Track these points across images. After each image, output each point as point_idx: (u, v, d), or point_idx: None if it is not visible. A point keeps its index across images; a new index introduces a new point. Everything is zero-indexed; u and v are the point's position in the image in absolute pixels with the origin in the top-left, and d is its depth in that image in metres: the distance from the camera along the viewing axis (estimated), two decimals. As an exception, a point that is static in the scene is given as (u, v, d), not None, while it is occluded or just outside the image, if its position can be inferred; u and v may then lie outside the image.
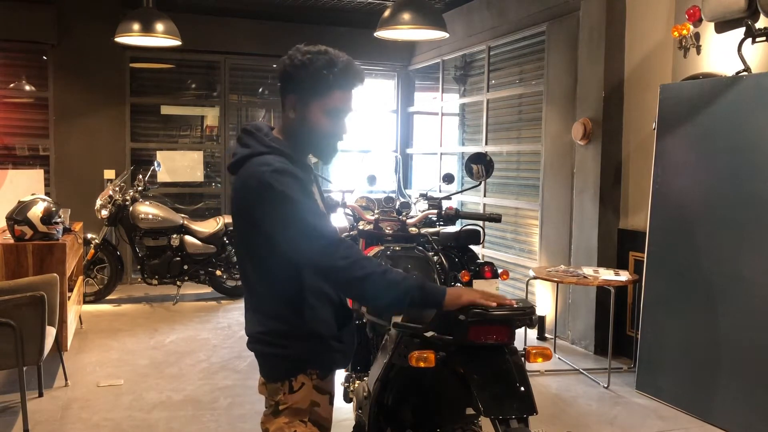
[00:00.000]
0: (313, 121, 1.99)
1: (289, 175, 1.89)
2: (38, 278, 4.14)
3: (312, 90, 1.96)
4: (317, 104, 1.97)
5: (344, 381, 3.35)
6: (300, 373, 1.98)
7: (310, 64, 1.95)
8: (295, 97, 1.99)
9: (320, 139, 2.02)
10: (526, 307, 2.07)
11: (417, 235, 3.33)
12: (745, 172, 3.99)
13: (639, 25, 5.26)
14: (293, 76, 1.97)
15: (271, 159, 1.93)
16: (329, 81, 1.96)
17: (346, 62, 2.00)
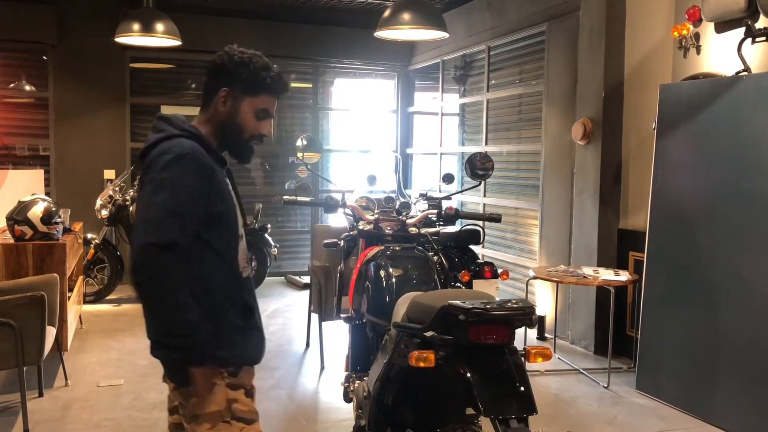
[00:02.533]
0: (242, 117, 2.05)
1: (191, 158, 1.90)
2: (38, 278, 4.14)
3: (248, 87, 2.03)
4: (249, 102, 2.04)
5: (344, 381, 3.35)
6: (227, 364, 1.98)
7: (251, 63, 2.02)
8: (227, 91, 2.04)
9: (244, 136, 2.07)
10: (526, 306, 2.07)
11: (417, 235, 3.33)
12: (745, 172, 3.99)
13: (639, 25, 5.26)
14: (231, 71, 2.02)
15: (184, 142, 1.95)
16: (265, 83, 2.04)
17: (279, 70, 2.08)
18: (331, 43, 8.52)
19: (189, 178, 1.88)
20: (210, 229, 1.94)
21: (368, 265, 3.14)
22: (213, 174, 1.94)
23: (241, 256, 2.06)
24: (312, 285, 5.30)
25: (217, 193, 1.96)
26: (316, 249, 5.73)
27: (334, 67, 8.94)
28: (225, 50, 2.07)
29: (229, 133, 2.07)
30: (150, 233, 1.81)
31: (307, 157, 4.10)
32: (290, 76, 2.19)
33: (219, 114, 2.06)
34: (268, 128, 2.10)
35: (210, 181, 1.93)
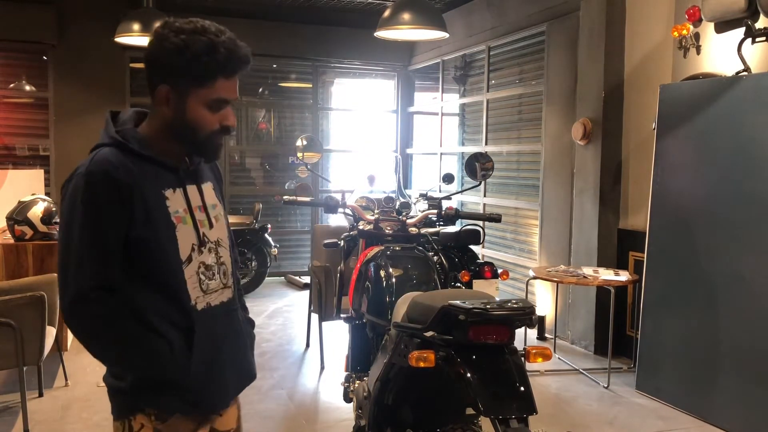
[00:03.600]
0: (192, 115, 1.67)
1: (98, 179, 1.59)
2: (38, 278, 4.15)
3: (190, 80, 1.65)
4: (197, 95, 1.66)
5: (344, 381, 3.35)
6: (137, 413, 1.70)
7: (187, 49, 1.62)
8: (167, 88, 1.66)
9: (203, 136, 1.70)
10: (526, 306, 2.07)
11: (417, 235, 3.33)
12: (745, 172, 3.99)
13: (639, 25, 5.26)
14: (165, 62, 1.65)
15: (99, 154, 1.64)
16: (211, 68, 1.64)
17: (229, 44, 1.65)
18: (331, 43, 8.52)
19: (95, 204, 1.59)
20: (138, 257, 1.64)
21: (368, 265, 3.14)
22: (131, 192, 1.61)
23: (192, 285, 1.71)
24: (312, 285, 5.30)
25: (142, 215, 1.63)
26: (316, 249, 5.73)
27: (334, 67, 8.94)
28: (157, 32, 1.69)
29: (183, 135, 1.70)
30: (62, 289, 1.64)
31: (307, 157, 4.11)
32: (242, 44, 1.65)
33: (165, 115, 1.68)
34: (231, 117, 1.72)
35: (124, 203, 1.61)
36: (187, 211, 1.73)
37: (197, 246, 1.73)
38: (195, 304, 1.72)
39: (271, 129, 8.84)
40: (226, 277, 1.82)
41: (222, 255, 1.82)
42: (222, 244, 1.83)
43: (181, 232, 1.70)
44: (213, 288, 1.77)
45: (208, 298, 1.76)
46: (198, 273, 1.73)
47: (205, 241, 1.76)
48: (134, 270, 1.66)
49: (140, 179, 1.64)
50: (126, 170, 1.62)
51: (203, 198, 1.79)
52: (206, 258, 1.76)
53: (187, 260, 1.71)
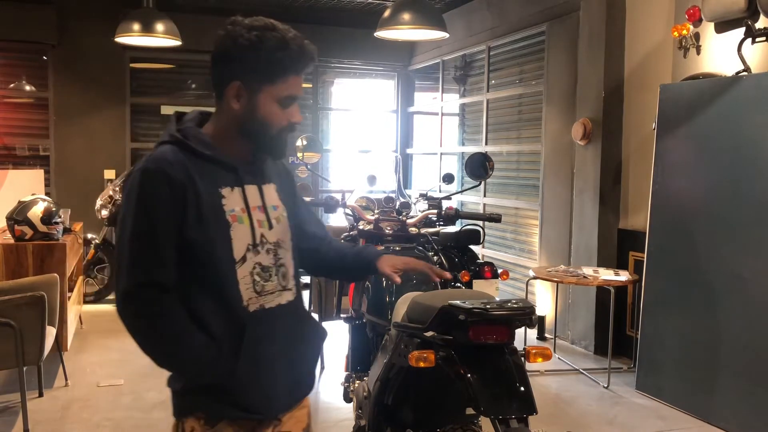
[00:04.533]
0: (263, 112, 1.67)
1: (152, 176, 1.60)
2: (38, 278, 4.14)
3: (263, 75, 1.65)
4: (268, 93, 1.66)
5: (344, 381, 3.35)
6: (189, 416, 1.71)
7: (261, 44, 1.63)
8: (238, 84, 1.66)
9: (273, 132, 1.70)
10: (526, 306, 2.07)
11: (417, 235, 3.33)
12: (745, 172, 3.99)
13: (639, 25, 5.26)
14: (239, 58, 1.65)
15: (157, 152, 1.66)
16: (284, 64, 1.65)
17: (299, 41, 1.68)
18: (331, 43, 8.51)
19: (149, 201, 1.60)
20: (191, 255, 1.63)
21: (368, 265, 3.13)
22: (185, 190, 1.60)
23: (244, 286, 1.68)
24: (312, 285, 5.30)
25: (195, 213, 1.62)
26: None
27: (334, 67, 8.94)
28: (227, 29, 1.67)
29: (253, 133, 1.70)
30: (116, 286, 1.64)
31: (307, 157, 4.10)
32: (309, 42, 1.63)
33: (235, 112, 1.68)
34: (298, 114, 1.72)
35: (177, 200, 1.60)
36: (245, 211, 1.70)
37: (253, 246, 1.70)
38: (247, 305, 1.68)
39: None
40: (285, 280, 1.78)
41: (282, 257, 1.77)
42: (283, 246, 1.78)
43: (236, 232, 1.67)
44: (269, 290, 1.73)
45: (263, 300, 1.71)
46: (252, 274, 1.69)
47: (263, 241, 1.72)
48: (188, 268, 1.64)
49: (196, 177, 1.63)
50: (181, 168, 1.62)
51: (263, 198, 1.76)
52: (263, 259, 1.72)
53: (241, 260, 1.68)
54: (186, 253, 1.63)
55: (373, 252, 2.05)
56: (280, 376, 1.76)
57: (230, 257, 1.66)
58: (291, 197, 1.88)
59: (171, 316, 1.63)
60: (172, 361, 1.69)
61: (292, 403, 1.84)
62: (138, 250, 1.61)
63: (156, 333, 1.65)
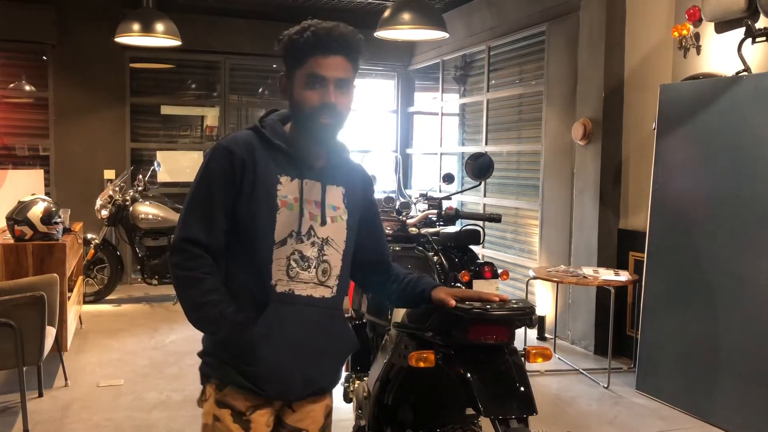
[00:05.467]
0: (297, 95, 1.81)
1: (219, 150, 1.81)
2: (38, 278, 4.14)
3: (291, 62, 1.82)
4: (298, 76, 1.81)
5: (344, 381, 3.35)
6: (208, 382, 1.88)
7: (287, 36, 1.82)
8: (281, 76, 1.87)
9: (306, 113, 1.81)
10: (526, 307, 2.07)
11: (417, 235, 3.33)
12: (745, 172, 3.99)
13: (639, 25, 5.26)
14: (281, 56, 1.84)
15: (235, 133, 1.86)
16: (301, 46, 1.79)
17: (321, 25, 1.81)
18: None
19: (211, 170, 1.80)
20: (236, 226, 1.80)
21: (368, 265, 3.13)
22: (243, 166, 1.78)
23: (277, 267, 1.79)
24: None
25: (249, 189, 1.78)
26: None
27: (334, 67, 8.92)
28: None
29: (295, 116, 1.85)
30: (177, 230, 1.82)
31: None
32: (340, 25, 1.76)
33: (288, 103, 1.86)
34: (327, 95, 1.79)
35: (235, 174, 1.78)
36: (297, 200, 1.82)
37: (297, 234, 1.82)
38: (275, 284, 1.80)
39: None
40: (325, 276, 1.86)
41: (328, 254, 1.86)
42: (332, 244, 1.87)
43: (283, 216, 1.80)
44: (303, 279, 1.82)
45: (293, 285, 1.81)
46: (290, 258, 1.81)
47: (311, 234, 1.84)
48: (232, 239, 1.80)
49: (259, 158, 1.80)
50: (247, 148, 1.80)
51: (324, 196, 1.87)
52: (305, 249, 1.83)
53: (281, 242, 1.80)
54: (234, 222, 1.79)
55: (430, 283, 2.09)
56: (294, 361, 1.83)
57: (271, 237, 1.79)
58: (360, 207, 1.98)
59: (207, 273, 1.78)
60: (193, 313, 1.80)
61: (304, 394, 1.89)
62: (192, 210, 1.81)
63: (187, 283, 1.79)
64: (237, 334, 1.77)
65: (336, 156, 1.94)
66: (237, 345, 1.79)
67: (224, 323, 1.77)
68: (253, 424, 1.83)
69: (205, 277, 1.78)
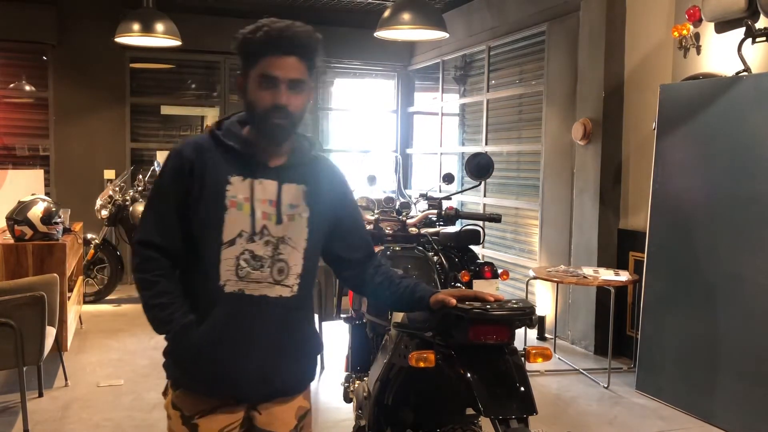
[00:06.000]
0: (251, 95, 1.80)
1: (172, 154, 1.86)
2: (38, 278, 4.14)
3: (245, 61, 1.80)
4: (252, 76, 1.79)
5: (344, 381, 3.35)
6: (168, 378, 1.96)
7: (241, 35, 1.79)
8: (240, 77, 1.84)
9: (259, 114, 1.79)
10: (526, 307, 2.07)
11: (417, 235, 3.33)
12: (745, 172, 3.99)
13: (639, 25, 5.26)
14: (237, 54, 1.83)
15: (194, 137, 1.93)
16: (256, 46, 1.76)
17: (274, 25, 1.77)
18: (331, 43, 8.49)
19: (164, 174, 1.85)
20: (187, 227, 1.82)
21: (368, 265, 3.13)
22: (192, 167, 1.79)
23: (226, 267, 1.78)
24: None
25: (197, 191, 1.79)
26: (316, 249, 5.73)
27: (334, 67, 8.93)
28: None
29: (250, 116, 1.84)
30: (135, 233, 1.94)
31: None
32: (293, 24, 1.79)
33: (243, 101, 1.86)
34: (279, 96, 1.76)
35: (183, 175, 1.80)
36: (248, 200, 1.81)
37: (247, 233, 1.80)
38: (224, 285, 1.79)
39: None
40: (282, 275, 1.83)
41: (283, 253, 1.83)
42: (289, 243, 1.84)
43: (231, 216, 1.79)
44: (255, 278, 1.80)
45: (244, 285, 1.80)
46: (239, 258, 1.79)
47: (264, 233, 1.81)
48: (186, 239, 1.83)
49: (209, 160, 1.81)
50: (197, 150, 1.82)
51: (280, 195, 1.84)
52: (257, 248, 1.81)
53: (229, 243, 1.79)
54: (186, 223, 1.82)
55: (428, 289, 2.05)
56: (245, 361, 1.81)
57: (219, 237, 1.79)
58: (330, 204, 1.93)
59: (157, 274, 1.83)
60: (147, 314, 1.86)
61: (261, 394, 1.87)
62: (147, 214, 1.87)
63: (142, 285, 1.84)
64: (181, 337, 1.81)
65: (299, 154, 1.90)
66: (182, 347, 1.83)
67: (172, 326, 1.81)
68: (201, 428, 1.84)
69: (158, 280, 1.82)
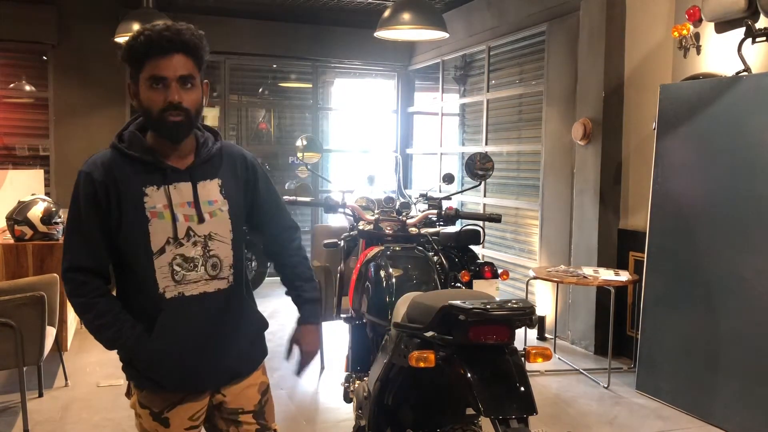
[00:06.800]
0: (143, 98, 1.83)
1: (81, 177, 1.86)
2: (38, 278, 4.15)
3: (133, 67, 1.83)
4: (141, 80, 1.83)
5: (344, 381, 3.35)
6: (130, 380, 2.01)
7: (125, 44, 1.84)
8: (131, 84, 1.87)
9: (154, 115, 1.82)
10: (526, 307, 2.07)
11: (417, 235, 3.33)
12: (745, 172, 3.99)
13: (639, 25, 5.26)
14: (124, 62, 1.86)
15: (96, 155, 1.92)
16: (140, 50, 1.80)
17: (155, 28, 1.81)
18: (331, 43, 8.52)
19: (79, 198, 1.87)
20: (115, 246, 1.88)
21: (368, 266, 3.14)
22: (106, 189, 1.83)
23: (161, 275, 1.86)
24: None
25: (116, 210, 1.84)
26: (316, 249, 5.73)
27: (334, 67, 8.93)
28: None
29: (147, 121, 1.88)
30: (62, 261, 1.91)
31: (307, 157, 4.10)
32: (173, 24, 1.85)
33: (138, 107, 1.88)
34: (170, 93, 1.80)
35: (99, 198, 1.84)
36: (167, 207, 1.86)
37: (174, 239, 1.86)
38: (163, 292, 1.87)
39: (271, 129, 8.84)
40: (216, 270, 1.92)
41: (213, 248, 1.91)
42: (216, 238, 1.92)
43: (155, 226, 1.85)
44: (191, 279, 1.89)
45: (182, 288, 1.88)
46: (171, 264, 1.86)
47: (190, 234, 1.88)
48: (116, 257, 1.89)
49: (120, 177, 1.84)
50: (106, 170, 1.84)
51: (197, 195, 1.89)
52: (187, 251, 1.88)
53: (159, 251, 1.85)
54: (112, 243, 1.87)
55: (305, 315, 2.31)
56: (203, 356, 1.92)
57: (148, 249, 1.85)
58: (243, 189, 2.01)
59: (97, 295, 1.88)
60: (95, 335, 1.91)
61: (223, 381, 2.00)
62: (71, 239, 1.90)
63: (83, 309, 1.88)
64: (137, 348, 1.88)
65: (205, 149, 1.94)
66: (141, 357, 1.89)
67: (123, 341, 1.87)
68: (171, 420, 1.94)
69: (97, 301, 1.87)
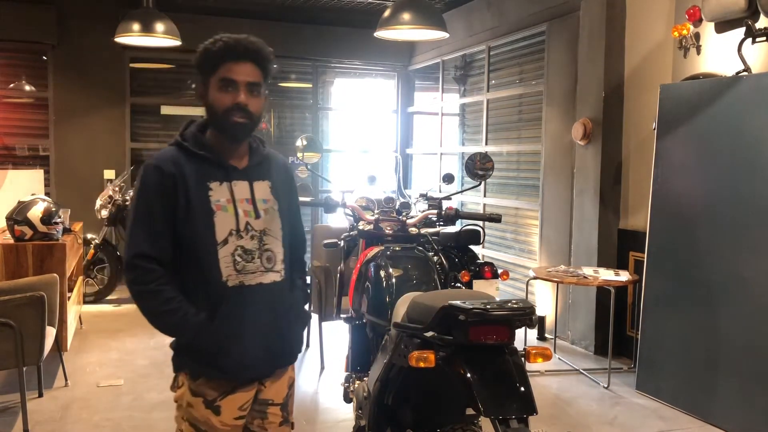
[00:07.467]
0: (211, 98, 2.00)
1: (150, 170, 1.97)
2: (38, 278, 4.14)
3: (205, 70, 2.00)
4: (212, 82, 1.99)
5: (344, 381, 3.35)
6: (180, 371, 2.07)
7: (201, 48, 2.00)
8: (198, 85, 2.03)
9: (220, 114, 1.99)
10: (526, 307, 2.07)
11: (417, 235, 3.33)
12: (745, 172, 3.99)
13: (639, 25, 5.26)
14: (195, 65, 2.02)
15: (160, 151, 2.04)
16: (216, 54, 1.97)
17: (232, 36, 1.99)
18: (331, 43, 8.52)
19: (147, 188, 1.96)
20: (182, 236, 1.97)
21: (368, 266, 3.14)
22: (175, 182, 1.95)
23: (225, 264, 1.97)
24: (312, 285, 5.30)
25: (184, 201, 1.96)
26: (316, 249, 5.73)
27: (334, 67, 8.94)
28: None
29: (211, 119, 2.03)
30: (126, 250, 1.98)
31: (307, 157, 4.10)
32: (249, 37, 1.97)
33: (205, 110, 2.04)
34: (239, 96, 1.97)
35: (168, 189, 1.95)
36: (230, 201, 2.00)
37: (236, 231, 2.00)
38: (226, 280, 1.97)
39: (271, 129, 8.84)
40: (270, 263, 2.05)
41: (267, 243, 2.05)
42: (270, 234, 2.06)
43: (220, 218, 1.98)
44: (250, 270, 2.00)
45: (243, 277, 1.99)
46: (234, 254, 1.98)
47: (249, 228, 2.02)
48: (181, 247, 1.97)
49: (187, 172, 1.97)
50: (175, 163, 1.97)
51: (253, 193, 2.05)
52: (246, 243, 2.01)
53: (222, 242, 1.98)
54: (179, 233, 1.96)
55: None
56: (256, 344, 2.02)
57: (212, 239, 1.97)
58: (287, 194, 2.18)
59: (161, 283, 1.95)
60: (158, 322, 1.98)
61: (271, 371, 2.10)
62: (136, 228, 1.96)
63: (147, 296, 1.96)
64: (203, 333, 1.96)
65: (257, 155, 2.11)
66: (206, 343, 1.97)
67: (188, 327, 1.95)
68: (223, 409, 2.01)
69: (162, 288, 1.95)
